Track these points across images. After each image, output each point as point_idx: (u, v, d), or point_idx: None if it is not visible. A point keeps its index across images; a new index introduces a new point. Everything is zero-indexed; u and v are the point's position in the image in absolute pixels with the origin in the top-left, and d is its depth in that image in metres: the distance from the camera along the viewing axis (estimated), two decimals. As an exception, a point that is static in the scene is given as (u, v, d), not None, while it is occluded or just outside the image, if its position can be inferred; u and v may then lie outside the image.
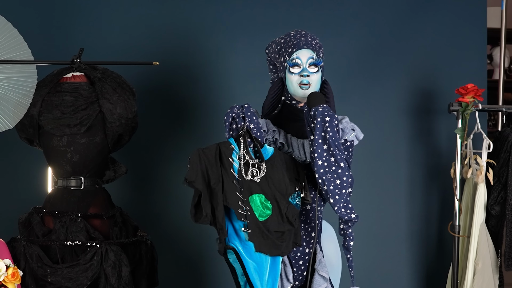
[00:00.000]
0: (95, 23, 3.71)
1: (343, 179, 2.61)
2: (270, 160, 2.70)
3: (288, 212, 2.67)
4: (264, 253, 2.65)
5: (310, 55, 2.74)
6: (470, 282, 3.50)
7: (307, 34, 2.80)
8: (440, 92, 3.83)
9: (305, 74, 2.72)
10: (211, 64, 3.75)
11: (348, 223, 2.75)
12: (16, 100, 3.01)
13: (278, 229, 2.65)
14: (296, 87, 2.74)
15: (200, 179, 2.60)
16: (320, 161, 2.60)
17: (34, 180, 3.60)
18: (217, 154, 2.65)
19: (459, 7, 3.86)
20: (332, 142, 2.59)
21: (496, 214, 3.54)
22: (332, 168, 2.61)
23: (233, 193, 2.63)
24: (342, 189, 2.62)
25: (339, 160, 2.60)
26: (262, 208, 2.66)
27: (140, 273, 3.14)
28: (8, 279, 2.84)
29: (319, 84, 2.78)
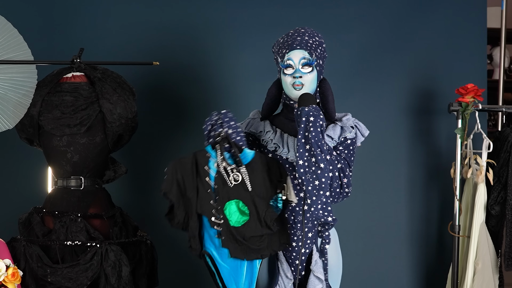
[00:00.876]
0: (95, 23, 3.71)
1: (322, 180, 2.59)
2: (250, 164, 2.70)
3: (267, 217, 2.67)
4: (240, 259, 2.69)
5: (303, 56, 2.72)
6: (470, 282, 3.50)
7: (306, 32, 2.78)
8: (440, 92, 3.83)
9: (297, 75, 2.72)
10: (211, 64, 3.75)
11: (325, 226, 2.73)
12: (16, 100, 3.01)
13: (256, 234, 2.67)
14: (290, 88, 2.74)
15: (175, 190, 2.69)
16: (301, 161, 2.59)
17: (34, 180, 3.60)
18: (193, 164, 2.70)
19: (459, 7, 3.86)
20: (314, 142, 2.58)
21: (496, 214, 3.54)
22: (312, 168, 2.59)
23: (207, 201, 2.68)
24: (320, 190, 2.59)
25: (320, 161, 2.58)
26: (239, 213, 2.68)
27: (140, 273, 3.14)
28: (8, 279, 2.84)
29: (315, 84, 2.77)
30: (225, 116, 2.72)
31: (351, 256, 3.78)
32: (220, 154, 2.69)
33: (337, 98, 3.73)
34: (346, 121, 2.81)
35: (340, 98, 3.74)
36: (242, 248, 2.68)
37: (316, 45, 2.77)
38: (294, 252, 2.80)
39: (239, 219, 2.68)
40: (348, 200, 3.77)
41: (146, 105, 3.62)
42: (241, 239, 2.67)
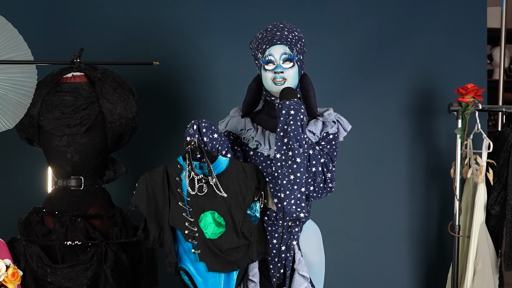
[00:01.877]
0: (95, 23, 3.70)
1: (297, 175, 2.56)
2: (225, 173, 2.66)
3: (244, 227, 2.63)
4: (218, 272, 2.64)
5: (283, 51, 2.70)
6: (470, 282, 3.50)
7: (285, 27, 2.75)
8: (440, 92, 3.83)
9: (278, 70, 2.70)
10: (211, 64, 3.75)
11: (296, 222, 2.71)
12: (16, 100, 3.01)
13: (233, 246, 2.62)
14: (271, 83, 2.72)
15: (145, 204, 2.65)
16: (279, 154, 2.57)
17: (34, 180, 3.60)
18: (164, 176, 2.66)
19: (459, 7, 3.86)
20: (292, 136, 2.55)
21: (496, 214, 3.54)
22: (288, 162, 2.56)
23: (180, 214, 2.62)
24: (294, 185, 2.56)
25: (296, 155, 2.55)
26: (215, 225, 2.63)
27: (140, 273, 3.14)
28: (8, 279, 2.83)
29: (296, 79, 2.74)
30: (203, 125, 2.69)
31: (351, 256, 3.79)
32: (188, 164, 2.64)
33: (337, 98, 3.75)
34: (328, 116, 2.78)
35: (340, 98, 3.76)
36: (219, 261, 2.63)
37: (296, 40, 2.73)
38: (275, 249, 2.78)
39: (215, 231, 2.63)
40: (348, 200, 3.79)
41: (146, 105, 3.62)
42: (218, 251, 2.61)
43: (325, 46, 3.76)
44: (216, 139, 2.70)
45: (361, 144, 3.80)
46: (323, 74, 3.73)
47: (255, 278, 2.76)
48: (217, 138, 2.70)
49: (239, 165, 2.68)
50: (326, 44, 3.77)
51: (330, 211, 3.68)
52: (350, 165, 3.77)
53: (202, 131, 2.69)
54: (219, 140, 2.71)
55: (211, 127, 2.71)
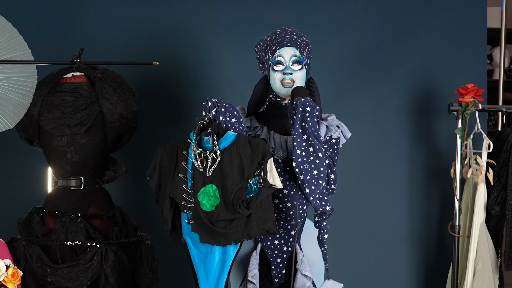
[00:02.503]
0: (95, 23, 3.70)
1: (320, 169, 2.60)
2: (229, 147, 2.69)
3: (235, 199, 2.66)
4: (210, 243, 2.69)
5: (293, 53, 2.73)
6: (470, 282, 3.50)
7: (293, 31, 2.79)
8: (440, 92, 3.83)
9: (287, 72, 2.73)
10: (211, 64, 3.75)
11: (323, 216, 2.73)
12: (16, 100, 3.01)
13: (224, 217, 2.66)
14: (279, 85, 2.75)
15: (155, 176, 2.76)
16: (299, 150, 2.60)
17: (34, 180, 3.60)
18: (174, 150, 2.77)
19: (459, 7, 3.86)
20: (311, 132, 2.60)
21: (496, 214, 3.54)
22: (310, 158, 2.60)
23: (180, 185, 2.72)
24: (318, 180, 2.61)
25: (318, 150, 2.60)
26: (213, 198, 2.69)
27: (140, 273, 3.14)
28: (8, 279, 2.83)
29: (304, 82, 2.78)
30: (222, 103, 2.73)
31: (351, 256, 3.79)
32: (194, 139, 2.71)
33: (337, 98, 3.75)
34: (331, 121, 2.81)
35: (340, 98, 3.76)
36: (210, 233, 2.68)
37: (304, 44, 2.78)
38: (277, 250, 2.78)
39: (212, 203, 2.69)
40: (348, 200, 3.79)
41: (146, 105, 3.62)
42: (208, 223, 2.66)
43: (325, 46, 3.76)
44: (233, 123, 2.72)
45: (361, 144, 3.80)
46: (323, 74, 3.72)
47: (255, 279, 2.76)
48: (234, 123, 2.72)
49: (245, 139, 2.71)
50: (326, 44, 3.77)
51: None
52: (350, 165, 3.77)
53: (221, 110, 2.71)
54: (236, 125, 2.72)
55: (233, 111, 2.73)
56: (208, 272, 2.71)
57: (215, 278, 2.71)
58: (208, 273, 2.71)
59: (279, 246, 2.78)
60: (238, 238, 2.67)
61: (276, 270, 2.80)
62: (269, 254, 2.80)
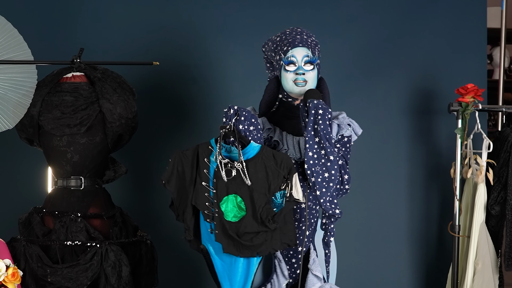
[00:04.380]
0: (95, 23, 3.71)
1: (332, 172, 2.62)
2: (253, 159, 2.68)
3: (263, 213, 2.65)
4: (234, 254, 2.68)
5: (306, 53, 2.75)
6: (470, 282, 3.50)
7: (303, 31, 2.80)
8: (440, 92, 3.83)
9: (300, 72, 2.74)
10: (211, 64, 3.75)
11: (331, 218, 2.74)
12: (16, 100, 3.01)
13: (251, 230, 2.65)
14: (292, 84, 2.76)
15: (174, 181, 2.72)
16: (311, 152, 2.61)
17: (34, 180, 3.60)
18: (195, 156, 2.72)
19: (459, 7, 3.86)
20: (323, 135, 2.61)
21: (496, 214, 3.54)
22: (321, 160, 2.62)
23: (202, 194, 2.69)
24: (329, 182, 2.62)
25: (329, 153, 2.61)
26: (237, 208, 2.68)
27: (140, 273, 3.14)
28: (8, 279, 2.84)
29: (315, 82, 2.79)
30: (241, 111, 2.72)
31: (351, 256, 3.79)
32: (218, 147, 2.68)
33: (337, 99, 3.74)
34: (343, 119, 2.83)
35: (340, 98, 3.75)
36: (235, 244, 2.67)
37: (314, 44, 2.80)
38: (291, 250, 2.79)
39: (236, 214, 2.67)
40: (348, 200, 3.78)
41: (146, 105, 3.62)
42: (234, 234, 2.65)
43: (325, 46, 3.73)
44: (251, 131, 2.71)
45: (361, 144, 3.79)
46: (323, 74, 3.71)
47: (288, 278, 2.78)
48: (253, 131, 2.71)
49: (270, 152, 2.70)
50: (326, 44, 3.75)
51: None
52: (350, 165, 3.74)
53: (240, 119, 2.71)
54: (254, 133, 2.71)
55: (251, 119, 2.72)
56: (232, 282, 2.71)
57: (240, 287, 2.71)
58: (232, 282, 2.71)
59: (294, 247, 2.78)
60: (263, 251, 2.68)
61: (291, 270, 2.81)
62: (284, 255, 2.80)
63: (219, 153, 2.68)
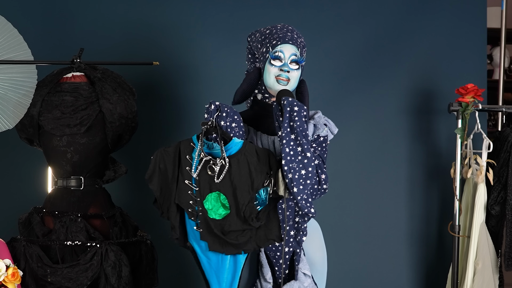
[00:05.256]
0: (95, 23, 3.71)
1: (308, 169, 2.57)
2: (236, 155, 2.65)
3: (246, 211, 2.63)
4: (219, 252, 2.66)
5: (294, 52, 2.71)
6: (470, 282, 3.50)
7: (294, 30, 2.77)
8: (440, 92, 3.83)
9: (285, 69, 2.71)
10: (211, 64, 3.75)
11: (305, 217, 2.71)
12: (16, 100, 3.02)
13: (235, 228, 2.63)
14: (273, 80, 2.72)
15: (156, 179, 2.68)
16: (288, 149, 2.58)
17: (34, 180, 3.60)
18: (176, 153, 2.68)
19: (459, 7, 3.86)
20: (299, 132, 2.58)
21: (496, 214, 3.54)
22: (298, 157, 2.57)
23: (185, 192, 2.66)
24: (306, 180, 2.58)
25: (306, 150, 2.57)
26: (220, 206, 2.65)
27: (140, 273, 3.14)
28: (8, 279, 2.84)
29: (297, 83, 2.76)
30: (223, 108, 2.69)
31: (351, 256, 3.79)
32: (200, 144, 2.65)
33: (337, 99, 3.76)
34: (318, 119, 2.78)
35: (340, 98, 3.76)
36: (220, 242, 2.65)
37: (303, 46, 2.77)
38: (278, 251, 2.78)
39: (220, 212, 2.65)
40: (348, 200, 3.79)
41: (146, 105, 3.62)
42: (219, 232, 2.63)
43: (324, 46, 3.76)
44: (233, 127, 2.69)
45: (361, 144, 3.80)
46: (323, 74, 3.73)
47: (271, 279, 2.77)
48: (234, 127, 2.70)
49: (252, 148, 2.67)
50: (326, 44, 3.77)
51: (330, 211, 3.68)
52: (350, 165, 3.78)
53: (222, 115, 2.69)
54: (236, 129, 2.69)
55: (233, 115, 2.69)
56: (220, 279, 2.70)
57: (228, 284, 2.70)
58: (220, 280, 2.70)
59: (280, 247, 2.77)
60: (248, 249, 2.67)
61: (279, 270, 2.80)
62: (271, 256, 2.79)
63: (201, 150, 2.64)
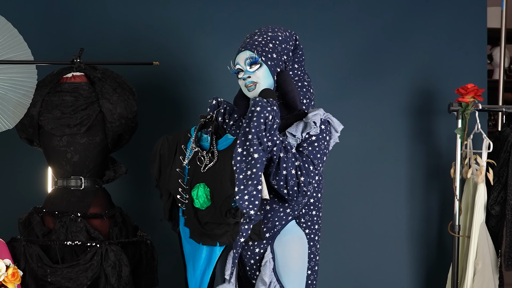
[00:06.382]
0: (95, 23, 3.71)
1: (253, 171, 2.51)
2: (225, 151, 2.69)
3: (223, 206, 2.65)
4: (196, 241, 2.72)
5: (246, 56, 2.69)
6: (470, 282, 3.50)
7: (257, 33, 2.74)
8: (440, 92, 3.83)
9: (245, 76, 2.69)
10: (211, 64, 3.75)
11: (247, 219, 2.58)
12: (16, 100, 3.02)
13: (213, 220, 2.68)
14: (246, 90, 2.71)
15: (157, 163, 2.80)
16: (240, 148, 2.55)
17: (34, 180, 3.60)
18: (175, 141, 2.80)
19: (459, 7, 3.86)
20: (254, 132, 2.53)
21: (496, 214, 3.54)
22: (248, 158, 2.53)
23: (176, 179, 2.75)
24: (249, 181, 2.50)
25: (255, 151, 2.51)
26: (205, 197, 2.70)
27: (140, 273, 3.14)
28: (8, 279, 2.84)
29: (269, 78, 2.69)
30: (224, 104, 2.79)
31: (351, 256, 3.79)
32: (194, 136, 2.73)
33: (337, 99, 3.75)
34: (311, 117, 2.70)
35: (340, 98, 3.76)
36: (198, 231, 2.71)
37: (267, 41, 2.70)
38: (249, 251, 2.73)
39: (204, 203, 2.70)
40: (348, 200, 3.79)
41: (146, 105, 3.62)
42: (197, 222, 2.70)
43: (325, 46, 3.76)
44: (229, 125, 2.73)
45: (361, 144, 3.80)
46: (323, 74, 3.73)
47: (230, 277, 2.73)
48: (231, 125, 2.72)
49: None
50: (326, 44, 3.77)
51: (330, 211, 3.67)
52: (350, 165, 3.78)
53: (220, 111, 2.75)
54: (233, 128, 2.71)
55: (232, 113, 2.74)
56: (195, 267, 2.75)
57: (201, 273, 2.74)
58: (195, 267, 2.75)
59: (252, 247, 2.75)
60: (223, 242, 2.68)
61: (251, 271, 2.77)
62: (243, 255, 2.77)
63: (194, 141, 2.73)
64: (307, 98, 2.77)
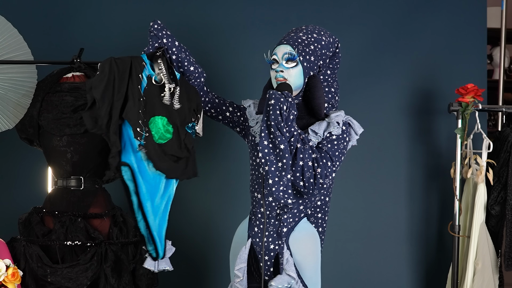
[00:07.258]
0: (95, 23, 3.71)
1: (283, 161, 2.57)
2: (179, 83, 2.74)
3: (187, 139, 2.70)
4: (163, 172, 2.67)
5: (287, 50, 2.70)
6: (470, 282, 3.50)
7: (303, 30, 2.76)
8: (440, 92, 3.83)
9: (278, 69, 2.71)
10: (211, 64, 3.75)
11: (284, 209, 2.70)
12: (16, 100, 3.02)
13: (176, 154, 2.69)
14: (275, 83, 2.73)
15: (102, 88, 2.61)
16: (266, 141, 2.59)
17: (34, 180, 3.60)
18: (127, 68, 2.67)
19: (459, 7, 3.86)
20: (273, 125, 2.57)
21: (496, 214, 3.54)
22: (276, 150, 2.58)
23: (136, 110, 2.63)
24: (282, 172, 2.57)
25: (280, 142, 2.57)
26: (163, 131, 2.67)
27: (140, 273, 3.14)
28: (8, 279, 2.84)
29: (300, 79, 2.73)
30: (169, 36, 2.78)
31: (351, 256, 3.79)
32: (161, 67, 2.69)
33: (337, 98, 3.75)
34: (334, 118, 2.76)
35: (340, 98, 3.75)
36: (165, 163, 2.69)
37: (309, 42, 2.73)
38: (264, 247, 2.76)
39: (162, 136, 2.67)
40: (348, 200, 3.79)
41: (146, 105, 3.62)
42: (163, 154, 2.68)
43: (325, 46, 3.76)
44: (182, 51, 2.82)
45: (361, 144, 3.79)
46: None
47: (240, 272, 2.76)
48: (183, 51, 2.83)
49: (186, 84, 2.77)
50: (326, 44, 3.77)
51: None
52: (350, 165, 3.78)
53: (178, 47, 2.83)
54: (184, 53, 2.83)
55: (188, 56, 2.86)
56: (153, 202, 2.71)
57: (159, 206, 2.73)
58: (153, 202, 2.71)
59: (266, 243, 2.76)
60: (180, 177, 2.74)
61: (264, 267, 2.78)
62: (257, 251, 2.78)
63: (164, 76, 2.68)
64: (330, 104, 2.84)
